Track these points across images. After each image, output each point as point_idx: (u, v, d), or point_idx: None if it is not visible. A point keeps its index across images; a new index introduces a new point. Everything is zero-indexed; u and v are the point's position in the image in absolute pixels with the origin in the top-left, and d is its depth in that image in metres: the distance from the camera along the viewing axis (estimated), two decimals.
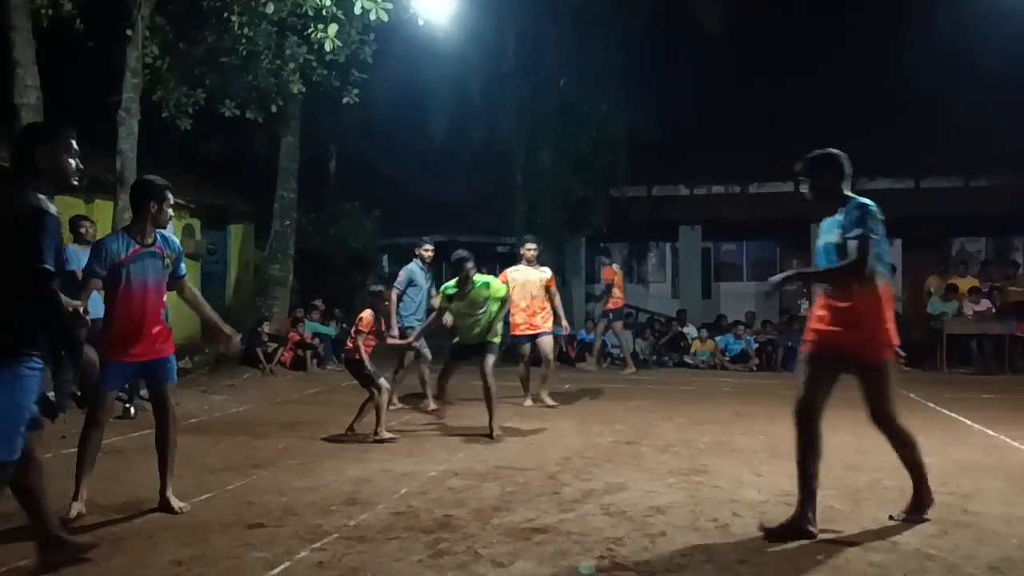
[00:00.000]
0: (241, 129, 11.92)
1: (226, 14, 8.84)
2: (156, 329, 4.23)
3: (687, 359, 12.71)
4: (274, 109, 10.30)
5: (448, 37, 12.37)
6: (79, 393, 7.26)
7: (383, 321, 6.62)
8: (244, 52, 9.24)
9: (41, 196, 3.03)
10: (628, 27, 15.26)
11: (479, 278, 6.54)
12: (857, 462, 5.36)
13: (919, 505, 3.98)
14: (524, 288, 8.03)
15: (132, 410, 7.23)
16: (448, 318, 6.72)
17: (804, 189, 4.28)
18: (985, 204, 15.12)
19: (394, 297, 7.80)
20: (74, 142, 3.26)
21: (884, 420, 4.07)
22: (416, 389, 8.15)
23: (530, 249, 8.28)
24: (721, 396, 9.05)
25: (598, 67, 15.16)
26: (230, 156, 14.52)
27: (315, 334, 11.76)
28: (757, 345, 12.82)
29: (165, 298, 4.35)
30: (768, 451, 5.77)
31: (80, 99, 10.13)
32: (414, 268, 8.19)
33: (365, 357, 6.23)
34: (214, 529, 3.79)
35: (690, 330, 13.40)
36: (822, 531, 3.71)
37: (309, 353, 11.34)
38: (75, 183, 3.30)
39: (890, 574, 3.17)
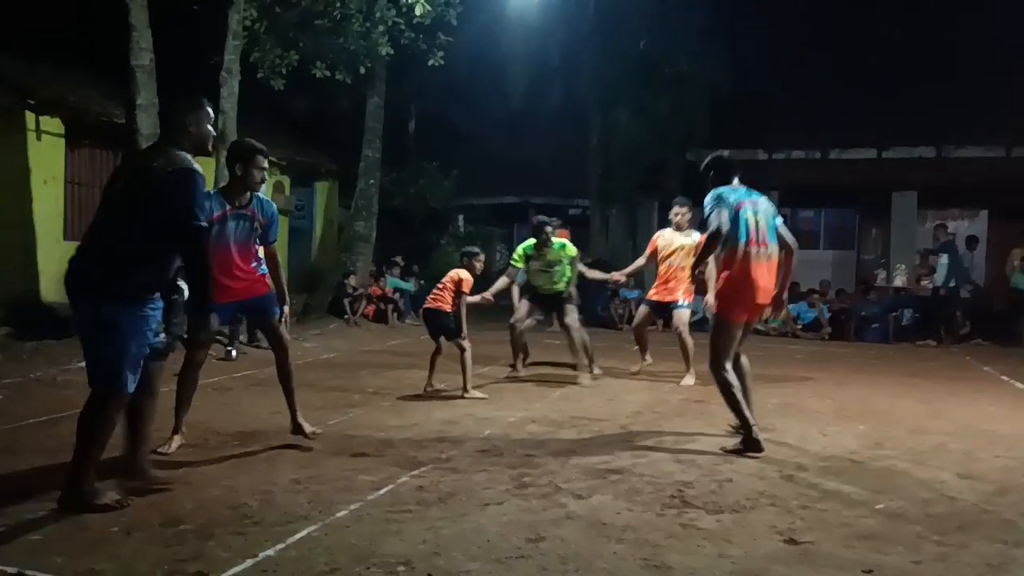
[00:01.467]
0: (329, 90, 12.40)
1: None
2: (244, 278, 4.53)
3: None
4: (362, 71, 10.71)
5: None
6: (186, 336, 7.90)
7: None
8: (337, 15, 9.62)
9: (188, 156, 3.43)
10: None
11: (556, 240, 7.15)
12: (923, 426, 5.51)
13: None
14: (664, 254, 7.42)
15: (234, 353, 7.82)
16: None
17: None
18: None
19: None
20: (210, 111, 3.65)
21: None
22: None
23: (677, 212, 7.40)
24: (791, 362, 9.17)
25: (678, 27, 15.05)
26: (317, 116, 15.08)
27: (395, 289, 12.28)
28: (830, 314, 12.78)
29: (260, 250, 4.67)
30: (835, 413, 5.95)
31: (182, 60, 10.74)
32: None
33: (463, 315, 6.44)
34: (323, 456, 4.25)
35: None
36: (882, 492, 3.92)
37: (390, 307, 11.87)
38: (210, 148, 3.68)
39: (945, 524, 3.38)
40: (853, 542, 3.13)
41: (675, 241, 7.37)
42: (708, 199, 4.78)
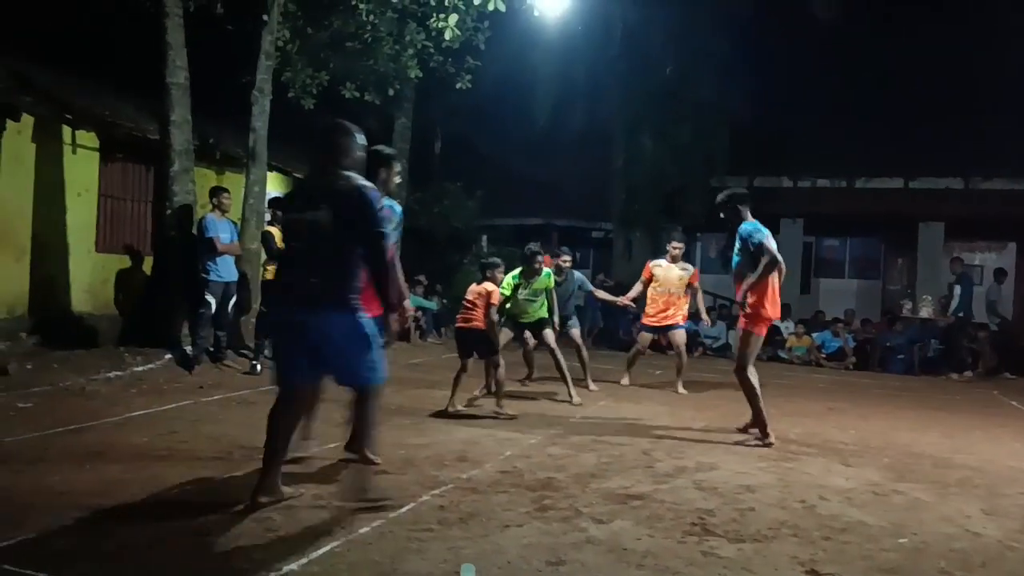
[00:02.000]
0: (357, 110, 12.56)
1: (353, 1, 9.39)
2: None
3: (782, 354, 12.66)
4: (391, 92, 10.85)
5: (556, 23, 12.65)
6: (211, 349, 8.00)
7: None
8: (367, 38, 9.79)
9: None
10: (735, 13, 15.17)
11: (545, 270, 7.40)
12: (947, 460, 5.45)
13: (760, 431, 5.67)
14: (663, 285, 8.25)
15: (259, 367, 7.88)
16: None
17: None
18: None
19: None
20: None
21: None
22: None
23: (676, 247, 8.35)
24: (815, 391, 9.11)
25: (704, 54, 15.15)
26: None
27: (418, 307, 12.34)
28: (855, 344, 12.68)
29: None
30: (859, 444, 5.90)
31: (216, 79, 10.96)
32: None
33: (496, 331, 6.60)
34: (345, 472, 4.28)
35: (787, 324, 13.33)
36: (904, 526, 3.89)
37: (413, 325, 11.93)
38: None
39: (970, 560, 3.34)
40: (875, 575, 3.10)
41: (672, 272, 8.27)
42: (751, 230, 5.58)
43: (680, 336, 8.35)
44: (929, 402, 8.63)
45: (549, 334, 7.45)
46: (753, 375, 5.63)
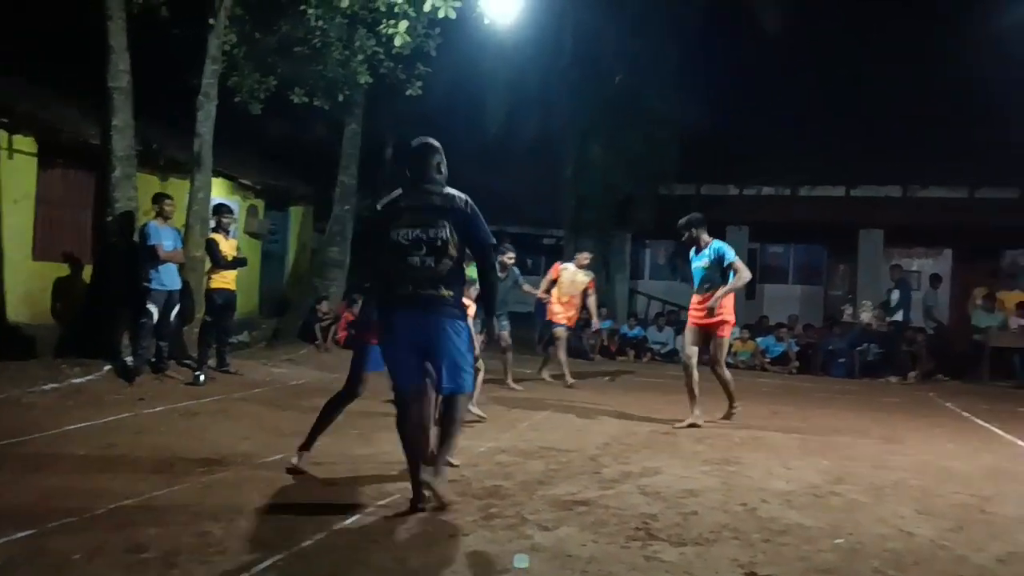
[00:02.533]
0: (306, 115, 12.44)
1: (302, 6, 9.30)
2: None
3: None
4: (341, 98, 10.78)
5: (508, 31, 12.69)
6: (152, 359, 7.83)
7: None
8: (316, 43, 9.70)
9: None
10: (684, 25, 15.43)
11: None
12: (884, 461, 5.62)
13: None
14: (571, 286, 9.31)
15: (202, 378, 7.74)
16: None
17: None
18: None
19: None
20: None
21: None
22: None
23: (585, 259, 9.47)
24: (759, 395, 9.29)
25: (653, 64, 15.36)
26: (293, 141, 15.11)
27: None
28: (798, 348, 12.98)
29: None
30: (800, 447, 6.05)
31: (160, 83, 10.75)
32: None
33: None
34: (290, 484, 4.24)
35: (733, 330, 13.55)
36: (841, 527, 4.00)
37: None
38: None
39: (902, 560, 3.45)
40: None
41: (577, 277, 9.28)
42: (723, 249, 6.70)
43: (559, 333, 9.35)
44: (868, 405, 8.87)
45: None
46: (727, 370, 6.97)
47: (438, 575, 3.01)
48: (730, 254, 6.64)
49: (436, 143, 4.12)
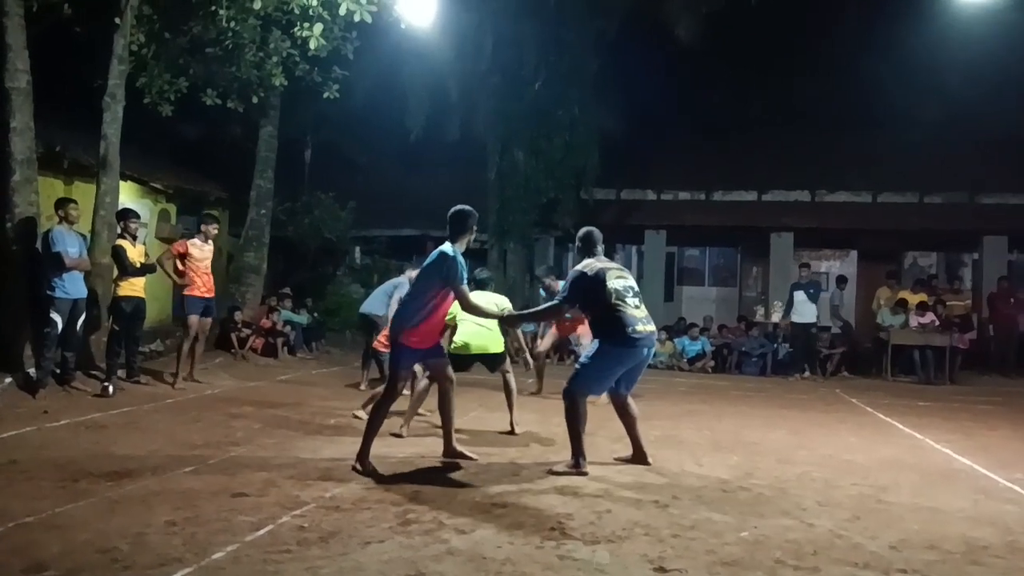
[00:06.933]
0: (220, 117, 12.15)
1: (213, 7, 9.06)
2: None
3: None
4: (255, 100, 10.55)
5: (428, 36, 12.70)
6: (57, 371, 7.50)
7: None
8: (229, 44, 9.47)
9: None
10: (602, 33, 15.74)
11: None
12: (790, 456, 5.85)
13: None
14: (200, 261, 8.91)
15: (111, 389, 7.47)
16: None
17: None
18: (938, 220, 15.85)
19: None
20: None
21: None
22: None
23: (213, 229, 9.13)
24: (675, 395, 9.54)
25: (572, 71, 15.60)
26: (208, 143, 14.73)
27: (287, 322, 12.04)
28: (713, 348, 13.36)
29: None
30: (711, 445, 6.25)
31: (64, 83, 10.32)
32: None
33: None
34: (202, 496, 4.14)
35: None
36: (748, 520, 4.16)
37: (280, 340, 11.63)
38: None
39: (802, 549, 3.62)
40: (717, 568, 3.31)
41: (205, 250, 8.83)
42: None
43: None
44: (778, 401, 9.22)
45: None
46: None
47: None
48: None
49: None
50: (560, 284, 9.10)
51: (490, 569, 3.20)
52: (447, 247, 5.08)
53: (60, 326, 7.29)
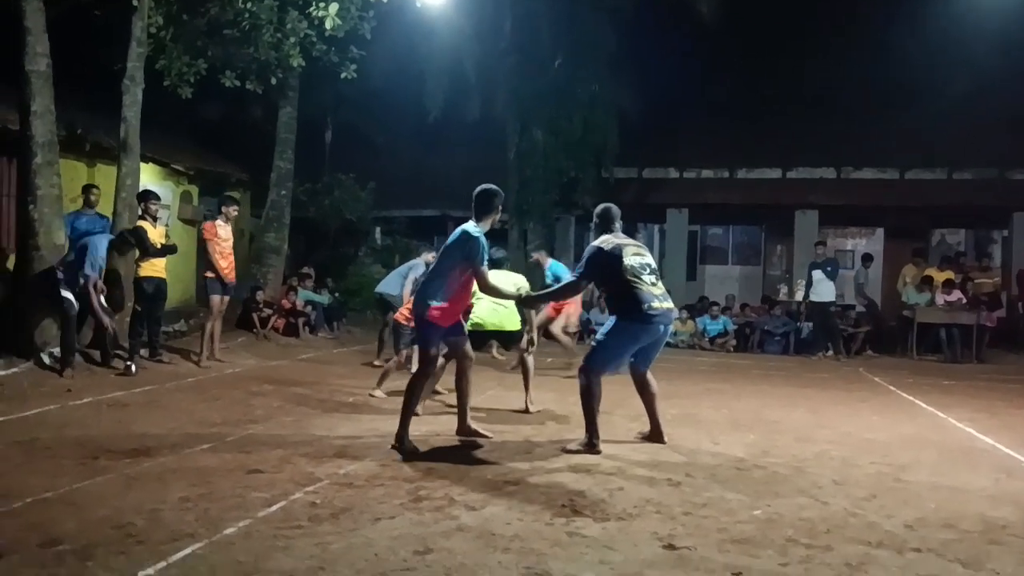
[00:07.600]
0: (239, 99, 12.19)
1: None
2: None
3: (669, 339, 13.09)
4: (273, 81, 10.58)
5: (445, 15, 12.63)
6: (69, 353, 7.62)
7: None
8: (246, 25, 9.47)
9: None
10: (622, 9, 15.51)
11: None
12: (808, 435, 5.79)
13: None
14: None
15: (133, 368, 7.57)
16: None
17: None
18: (966, 196, 15.54)
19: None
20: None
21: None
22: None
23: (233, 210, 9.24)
24: (695, 373, 9.48)
25: (590, 50, 15.42)
26: (228, 125, 14.79)
27: (308, 302, 12.12)
28: (736, 327, 13.25)
29: None
30: (730, 423, 6.20)
31: (85, 67, 10.39)
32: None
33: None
34: (217, 473, 4.18)
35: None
36: (761, 499, 4.12)
37: (301, 320, 11.71)
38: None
39: (816, 528, 3.58)
40: (728, 546, 3.29)
41: (227, 231, 8.89)
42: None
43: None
44: (799, 380, 9.14)
45: None
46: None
47: (360, 559, 3.01)
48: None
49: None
50: (549, 260, 9.24)
51: (498, 545, 3.20)
52: (470, 226, 5.00)
53: (76, 307, 7.39)
